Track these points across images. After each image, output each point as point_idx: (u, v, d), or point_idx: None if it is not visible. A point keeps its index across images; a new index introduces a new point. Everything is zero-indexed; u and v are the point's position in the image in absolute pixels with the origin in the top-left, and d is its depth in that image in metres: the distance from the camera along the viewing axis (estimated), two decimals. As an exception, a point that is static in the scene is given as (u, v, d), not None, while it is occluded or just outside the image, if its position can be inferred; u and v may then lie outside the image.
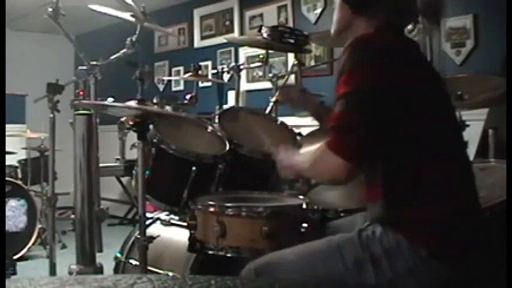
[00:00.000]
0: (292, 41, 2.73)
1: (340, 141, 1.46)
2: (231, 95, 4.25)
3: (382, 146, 1.47)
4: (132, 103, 2.16)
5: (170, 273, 2.12)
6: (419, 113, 1.48)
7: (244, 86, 4.92)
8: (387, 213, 1.51)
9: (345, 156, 1.44)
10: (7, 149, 4.67)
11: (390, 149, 1.47)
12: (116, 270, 2.41)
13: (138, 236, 2.04)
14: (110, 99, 3.63)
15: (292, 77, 3.70)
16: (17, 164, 4.96)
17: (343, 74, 1.47)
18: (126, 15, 2.57)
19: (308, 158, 1.62)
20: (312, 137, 2.68)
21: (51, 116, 3.05)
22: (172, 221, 2.37)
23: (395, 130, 1.46)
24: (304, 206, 1.93)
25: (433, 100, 1.53)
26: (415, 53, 1.59)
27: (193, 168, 2.19)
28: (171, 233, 2.30)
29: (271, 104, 3.10)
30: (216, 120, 2.43)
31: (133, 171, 2.30)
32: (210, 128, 2.46)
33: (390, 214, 1.50)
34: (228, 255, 1.85)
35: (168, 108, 3.39)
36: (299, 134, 2.62)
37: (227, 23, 5.68)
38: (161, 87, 6.38)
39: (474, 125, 2.58)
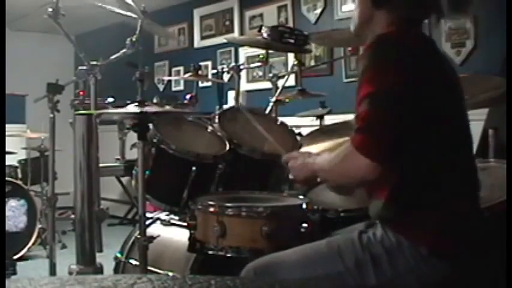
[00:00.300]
0: (292, 41, 2.73)
1: (367, 141, 1.43)
2: (231, 95, 4.24)
3: (404, 146, 1.45)
4: (132, 106, 2.15)
5: (170, 273, 2.12)
6: (435, 113, 1.48)
7: (244, 86, 4.92)
8: (389, 213, 1.50)
9: (373, 157, 1.41)
10: (7, 149, 4.67)
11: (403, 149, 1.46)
12: (116, 270, 2.41)
13: (138, 236, 2.04)
14: (110, 99, 3.64)
15: (292, 77, 3.71)
16: (17, 164, 4.96)
17: (365, 72, 1.46)
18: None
19: (331, 158, 1.59)
20: (312, 137, 2.69)
21: (51, 116, 3.05)
22: (172, 221, 2.37)
23: (411, 130, 1.45)
24: (304, 206, 1.93)
25: (448, 100, 1.53)
26: (435, 51, 1.58)
27: (193, 168, 2.19)
28: (171, 233, 2.30)
29: (271, 104, 3.11)
30: (216, 120, 2.43)
31: (133, 171, 2.30)
32: (210, 128, 2.46)
33: (392, 213, 1.50)
34: (228, 255, 1.84)
35: (168, 108, 3.38)
36: (299, 134, 2.62)
37: (227, 23, 5.67)
38: (161, 87, 6.38)
39: (474, 125, 2.56)
